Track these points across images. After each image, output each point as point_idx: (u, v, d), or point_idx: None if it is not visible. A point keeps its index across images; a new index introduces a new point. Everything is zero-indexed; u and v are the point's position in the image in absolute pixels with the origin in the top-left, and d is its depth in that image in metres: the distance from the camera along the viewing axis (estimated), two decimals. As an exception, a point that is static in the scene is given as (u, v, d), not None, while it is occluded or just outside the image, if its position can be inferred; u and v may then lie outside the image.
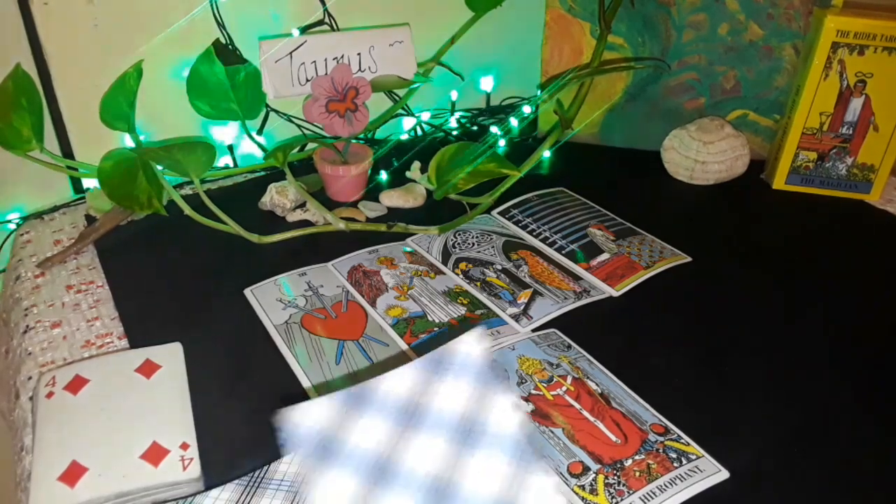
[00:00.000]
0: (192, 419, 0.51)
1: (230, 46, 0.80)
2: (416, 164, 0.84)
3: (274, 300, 0.64)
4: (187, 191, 0.82)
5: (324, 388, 0.54)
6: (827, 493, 0.49)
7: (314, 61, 0.77)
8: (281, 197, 0.77)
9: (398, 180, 0.84)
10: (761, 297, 0.67)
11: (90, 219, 0.77)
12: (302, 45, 0.76)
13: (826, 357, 0.60)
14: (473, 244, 0.73)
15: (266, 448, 0.49)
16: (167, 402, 0.51)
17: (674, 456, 0.50)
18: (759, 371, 0.59)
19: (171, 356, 0.55)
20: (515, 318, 0.63)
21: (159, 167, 0.69)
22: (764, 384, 0.57)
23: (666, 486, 0.47)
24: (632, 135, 0.92)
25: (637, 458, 0.49)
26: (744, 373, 0.58)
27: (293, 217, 0.77)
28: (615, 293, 0.67)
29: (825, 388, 0.57)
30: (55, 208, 0.80)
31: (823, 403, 0.56)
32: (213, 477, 0.48)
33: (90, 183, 0.80)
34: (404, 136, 0.93)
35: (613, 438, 0.51)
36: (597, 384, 0.55)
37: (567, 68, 0.89)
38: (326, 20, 0.84)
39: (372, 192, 0.82)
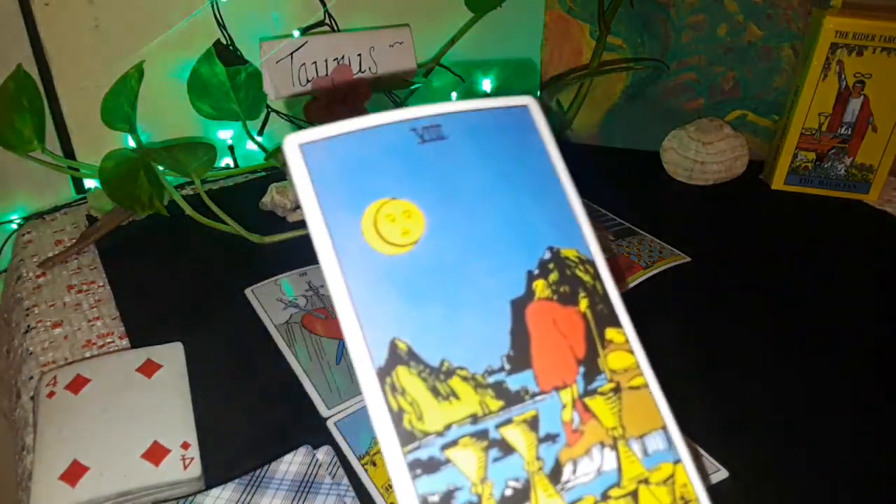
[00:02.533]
0: (193, 418, 0.51)
1: (231, 47, 0.80)
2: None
3: (274, 300, 0.64)
4: (188, 191, 0.82)
5: (324, 388, 0.55)
6: (826, 492, 0.49)
7: (315, 62, 0.77)
8: (282, 197, 0.78)
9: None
10: (760, 297, 0.67)
11: (91, 219, 0.78)
12: (303, 45, 0.76)
13: (825, 357, 0.60)
14: (473, 244, 0.73)
15: (266, 447, 0.50)
16: (168, 402, 0.52)
17: (673, 455, 0.50)
18: (758, 370, 0.59)
19: (171, 356, 0.56)
20: (515, 317, 0.63)
21: (160, 167, 0.70)
22: (763, 383, 0.57)
23: (665, 485, 0.47)
24: (631, 135, 0.92)
25: (636, 457, 0.49)
26: (743, 372, 0.59)
27: (294, 217, 0.78)
28: (614, 293, 0.67)
29: (825, 387, 0.57)
30: (56, 208, 0.80)
31: (823, 403, 0.56)
32: (213, 476, 0.48)
33: (91, 183, 0.80)
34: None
35: (612, 438, 0.51)
36: (596, 384, 0.55)
37: (567, 69, 0.89)
38: (327, 21, 0.84)
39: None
